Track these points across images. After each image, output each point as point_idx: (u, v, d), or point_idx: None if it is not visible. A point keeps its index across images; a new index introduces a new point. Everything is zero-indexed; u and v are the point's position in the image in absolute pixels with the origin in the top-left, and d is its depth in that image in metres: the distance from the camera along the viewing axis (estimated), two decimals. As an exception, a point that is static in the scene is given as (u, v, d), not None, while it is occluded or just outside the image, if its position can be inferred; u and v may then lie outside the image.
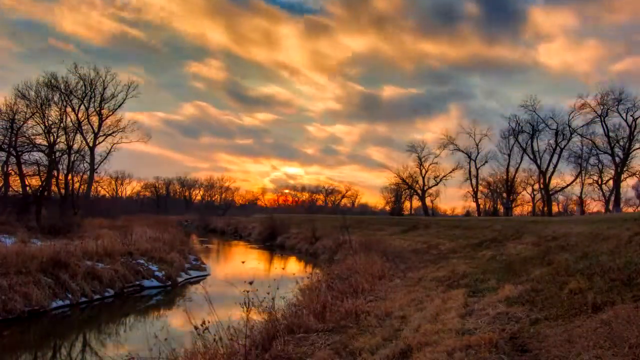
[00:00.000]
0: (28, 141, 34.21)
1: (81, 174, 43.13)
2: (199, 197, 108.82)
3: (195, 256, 26.06)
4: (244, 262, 11.65)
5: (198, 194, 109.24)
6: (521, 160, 52.41)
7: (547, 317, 6.86)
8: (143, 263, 19.15)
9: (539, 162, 50.12)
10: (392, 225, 35.59)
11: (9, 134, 33.14)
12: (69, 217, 30.37)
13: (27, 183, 34.11)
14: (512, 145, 52.07)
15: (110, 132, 46.70)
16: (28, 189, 34.13)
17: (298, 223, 43.16)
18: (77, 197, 41.48)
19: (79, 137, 42.41)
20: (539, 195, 53.97)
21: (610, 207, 44.86)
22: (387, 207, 71.01)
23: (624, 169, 44.62)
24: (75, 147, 40.26)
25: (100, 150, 46.62)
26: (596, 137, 46.14)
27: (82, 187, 44.76)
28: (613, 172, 45.34)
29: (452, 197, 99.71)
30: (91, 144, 45.20)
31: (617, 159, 44.58)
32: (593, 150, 46.61)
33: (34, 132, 35.75)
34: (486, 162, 55.40)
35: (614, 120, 44.41)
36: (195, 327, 6.81)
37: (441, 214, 66.72)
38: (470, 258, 16.35)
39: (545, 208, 50.42)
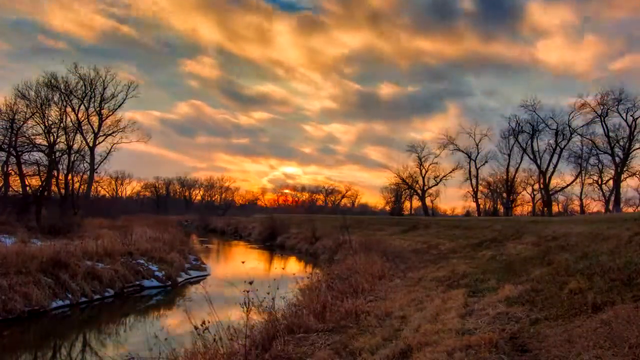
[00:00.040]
0: (28, 141, 34.21)
1: (81, 174, 43.18)
2: (199, 197, 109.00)
3: (195, 256, 26.06)
4: (244, 262, 11.63)
5: (198, 194, 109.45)
6: (521, 160, 52.46)
7: (547, 317, 6.86)
8: (143, 263, 19.15)
9: (539, 162, 50.15)
10: (392, 225, 35.59)
11: (9, 134, 33.15)
12: (69, 217, 30.36)
13: (27, 183, 34.11)
14: (512, 145, 52.10)
15: (110, 132, 46.76)
16: (28, 189, 34.12)
17: (298, 223, 43.16)
18: (77, 197, 41.47)
19: (79, 137, 42.49)
20: (539, 195, 53.99)
21: (610, 207, 44.85)
22: (387, 207, 71.01)
23: (624, 169, 44.60)
24: (75, 147, 40.31)
25: (100, 150, 46.71)
26: (596, 137, 46.20)
27: (82, 187, 44.77)
28: (613, 172, 45.34)
29: (452, 197, 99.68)
30: (91, 144, 45.23)
31: (617, 159, 44.58)
32: (593, 150, 46.63)
33: (34, 132, 35.79)
34: (486, 162, 55.44)
35: (614, 120, 44.46)
36: (195, 327, 6.81)
37: (441, 214, 66.74)
38: (470, 258, 16.35)
39: (545, 208, 50.42)
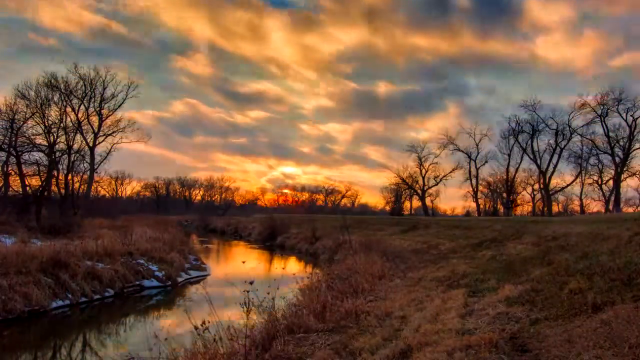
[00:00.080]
0: (28, 141, 34.21)
1: (81, 174, 43.11)
2: (199, 197, 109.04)
3: (195, 256, 26.06)
4: (244, 262, 11.64)
5: (198, 194, 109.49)
6: (521, 160, 52.49)
7: (547, 317, 6.86)
8: (143, 263, 19.15)
9: (539, 162, 50.17)
10: (392, 225, 35.58)
11: (9, 134, 33.15)
12: (69, 217, 30.37)
13: (27, 183, 34.10)
14: (512, 145, 52.14)
15: (110, 132, 46.76)
16: (28, 189, 34.11)
17: (298, 223, 43.16)
18: (77, 197, 41.45)
19: (79, 137, 42.44)
20: (539, 195, 54.06)
21: (610, 207, 44.87)
22: (387, 207, 71.03)
23: (624, 169, 44.63)
24: (75, 147, 40.25)
25: (100, 150, 46.70)
26: (596, 137, 46.25)
27: (82, 187, 44.73)
28: (613, 172, 45.37)
29: (452, 197, 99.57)
30: (91, 144, 45.23)
31: (617, 159, 44.60)
32: (593, 150, 46.66)
33: (34, 132, 35.78)
34: (486, 162, 55.48)
35: (614, 120, 44.50)
36: (195, 327, 6.81)
37: (441, 214, 66.74)
38: (470, 258, 16.35)
39: (545, 208, 50.44)
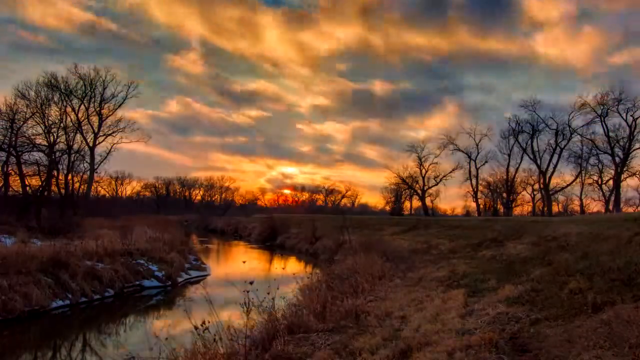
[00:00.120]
0: (28, 141, 34.24)
1: (81, 174, 43.17)
2: (199, 197, 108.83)
3: (196, 256, 26.05)
4: (245, 262, 11.66)
5: (198, 194, 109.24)
6: (521, 160, 52.45)
7: (547, 317, 6.86)
8: (143, 263, 19.15)
9: (539, 162, 50.14)
10: (392, 225, 35.57)
11: (9, 134, 33.19)
12: (69, 217, 30.38)
13: (27, 183, 34.12)
14: (512, 145, 52.09)
15: (110, 132, 46.77)
16: (28, 189, 34.13)
17: (298, 223, 43.14)
18: (77, 197, 41.50)
19: (79, 137, 42.54)
20: (539, 195, 54.00)
21: (610, 207, 44.87)
22: (387, 207, 70.98)
23: (624, 169, 44.59)
24: (75, 147, 40.35)
25: (100, 150, 46.71)
26: (596, 137, 46.22)
27: (82, 187, 44.75)
28: (613, 172, 45.35)
29: (452, 197, 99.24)
30: (91, 144, 45.24)
31: (617, 159, 44.58)
32: (593, 150, 46.61)
33: (34, 132, 35.86)
34: (486, 162, 55.42)
35: (614, 120, 44.43)
36: (195, 327, 6.81)
37: (441, 214, 66.72)
38: (470, 258, 16.36)
39: (545, 208, 50.44)
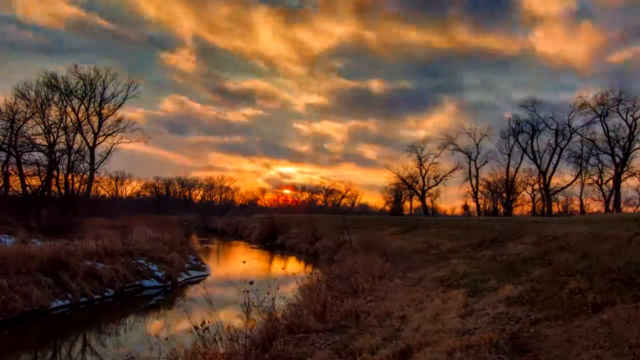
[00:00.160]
0: (28, 141, 34.30)
1: (81, 174, 43.19)
2: (199, 197, 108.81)
3: (196, 256, 26.02)
4: (245, 262, 11.66)
5: (198, 194, 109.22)
6: (521, 160, 52.49)
7: (547, 317, 6.86)
8: (143, 263, 19.15)
9: (539, 162, 50.18)
10: (392, 225, 35.56)
11: (9, 134, 33.25)
12: (69, 217, 30.37)
13: (27, 183, 34.17)
14: (512, 145, 52.15)
15: (110, 132, 46.72)
16: (28, 189, 34.17)
17: (298, 223, 43.13)
18: (77, 197, 41.51)
19: (79, 137, 42.58)
20: (539, 195, 54.02)
21: (610, 207, 44.87)
22: (387, 207, 70.98)
23: (624, 169, 44.63)
24: (75, 147, 40.47)
25: (101, 150, 46.67)
26: (596, 137, 46.28)
27: (82, 187, 44.71)
28: (613, 172, 45.37)
29: (452, 197, 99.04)
30: (91, 144, 45.21)
31: (617, 159, 44.61)
32: (593, 150, 46.66)
33: (34, 132, 35.93)
34: (486, 162, 55.48)
35: (614, 120, 44.52)
36: (195, 327, 6.81)
37: (441, 214, 66.71)
38: (470, 258, 16.35)
39: (545, 208, 50.45)
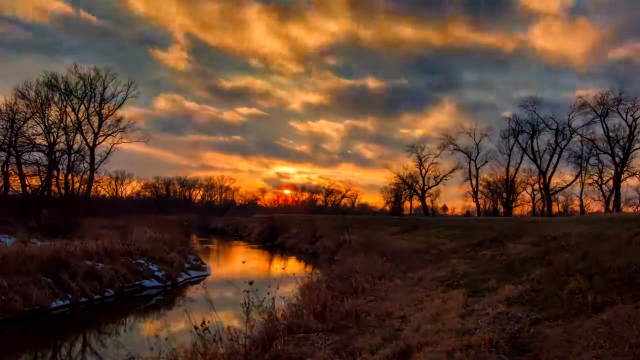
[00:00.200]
0: (28, 141, 34.35)
1: (81, 174, 43.24)
2: (199, 197, 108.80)
3: (196, 256, 26.01)
4: (245, 262, 11.67)
5: (198, 194, 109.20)
6: (521, 160, 52.55)
7: (547, 317, 6.86)
8: (143, 263, 19.15)
9: (539, 162, 50.22)
10: (392, 225, 35.55)
11: (9, 134, 33.29)
12: (68, 217, 30.35)
13: (27, 183, 34.21)
14: (512, 145, 52.24)
15: (110, 132, 46.75)
16: (28, 189, 34.19)
17: (298, 223, 43.12)
18: (77, 197, 41.51)
19: (79, 137, 42.65)
20: (539, 195, 54.05)
21: (610, 207, 44.88)
22: (387, 207, 71.01)
23: (624, 169, 44.66)
24: (75, 147, 40.50)
25: (101, 150, 46.69)
26: (596, 137, 46.32)
27: (82, 187, 44.75)
28: (613, 172, 45.40)
29: (452, 197, 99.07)
30: (91, 144, 45.24)
31: (617, 159, 44.65)
32: (593, 150, 46.72)
33: (34, 132, 35.99)
34: (486, 162, 55.54)
35: (614, 120, 44.61)
36: (195, 327, 6.81)
37: (441, 214, 66.71)
38: (470, 258, 16.34)
39: (545, 208, 50.46)
